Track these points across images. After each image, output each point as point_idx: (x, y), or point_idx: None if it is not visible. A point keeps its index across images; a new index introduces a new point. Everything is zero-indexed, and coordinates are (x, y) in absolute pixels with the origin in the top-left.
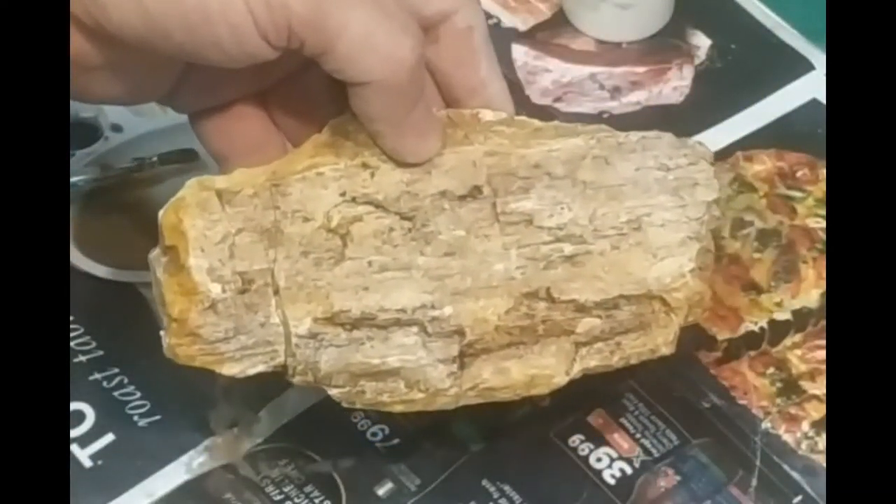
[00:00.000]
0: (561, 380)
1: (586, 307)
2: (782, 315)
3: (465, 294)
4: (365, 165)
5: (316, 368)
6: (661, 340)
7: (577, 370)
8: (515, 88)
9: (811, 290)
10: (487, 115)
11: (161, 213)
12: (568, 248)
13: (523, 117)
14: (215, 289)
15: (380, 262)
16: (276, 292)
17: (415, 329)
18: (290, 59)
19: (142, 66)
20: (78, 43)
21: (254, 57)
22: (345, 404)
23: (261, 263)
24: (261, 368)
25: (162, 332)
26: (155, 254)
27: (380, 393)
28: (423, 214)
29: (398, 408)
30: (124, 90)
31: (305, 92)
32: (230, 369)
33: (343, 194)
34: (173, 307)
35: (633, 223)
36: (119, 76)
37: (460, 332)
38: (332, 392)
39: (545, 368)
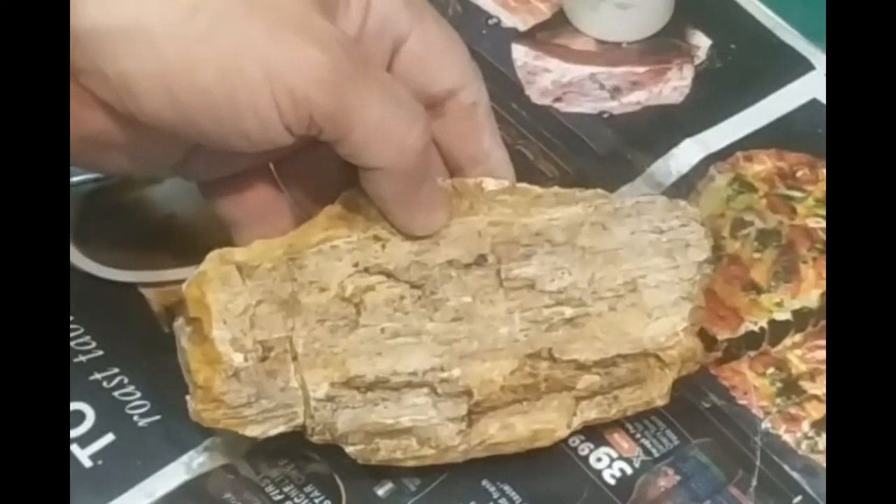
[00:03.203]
0: (563, 433)
1: (586, 366)
2: (782, 315)
3: (473, 356)
4: (376, 238)
5: (333, 429)
6: (656, 394)
7: (577, 423)
8: (515, 88)
9: (811, 290)
10: (490, 184)
11: (184, 286)
12: (568, 311)
13: (524, 184)
14: (238, 358)
15: (392, 329)
16: (295, 358)
17: (425, 390)
18: (302, 139)
19: (159, 144)
20: (103, 125)
21: (274, 143)
22: (360, 461)
23: (280, 332)
24: (281, 429)
25: (188, 397)
26: (179, 323)
27: (393, 450)
28: (432, 283)
29: (410, 463)
30: (138, 165)
31: (315, 164)
32: (252, 431)
33: (356, 265)
34: (198, 375)
35: (630, 285)
36: (136, 153)
37: (468, 393)
38: (349, 449)
39: (548, 423)
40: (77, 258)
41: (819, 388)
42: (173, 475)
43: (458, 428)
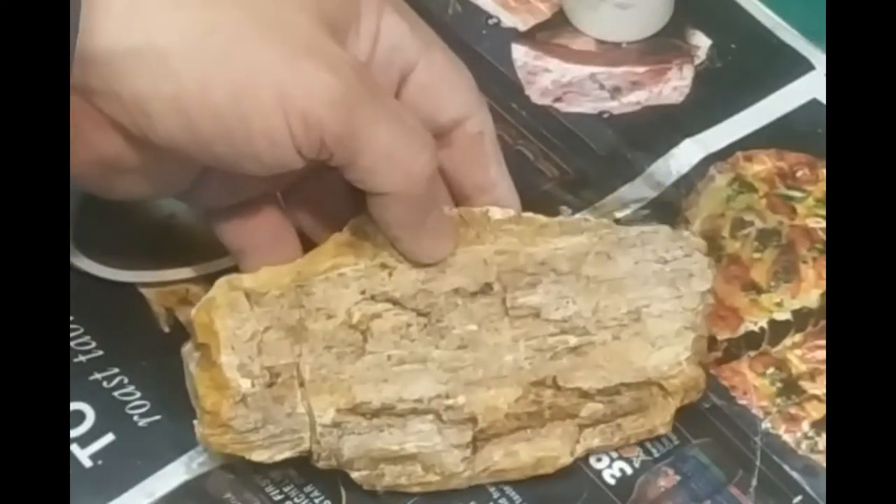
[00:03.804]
0: (566, 460)
1: (590, 394)
2: (782, 315)
3: (478, 384)
4: (383, 265)
5: (339, 454)
6: (659, 422)
7: (580, 450)
8: (515, 88)
9: (811, 290)
10: (496, 213)
11: (193, 311)
12: (572, 340)
13: (529, 214)
14: (245, 384)
15: (398, 356)
16: (302, 385)
17: (431, 417)
18: (311, 163)
19: (170, 168)
20: (117, 147)
21: (285, 167)
22: (366, 487)
23: (287, 358)
24: (288, 454)
25: (195, 422)
26: (187, 348)
27: (398, 476)
28: (438, 310)
29: (416, 489)
30: (148, 189)
31: (322, 190)
32: (259, 456)
33: (363, 293)
34: (206, 400)
35: (633, 314)
36: (147, 177)
37: (473, 420)
38: (354, 475)
39: (551, 450)
40: (77, 258)
41: (819, 388)
42: (173, 475)
43: (462, 454)
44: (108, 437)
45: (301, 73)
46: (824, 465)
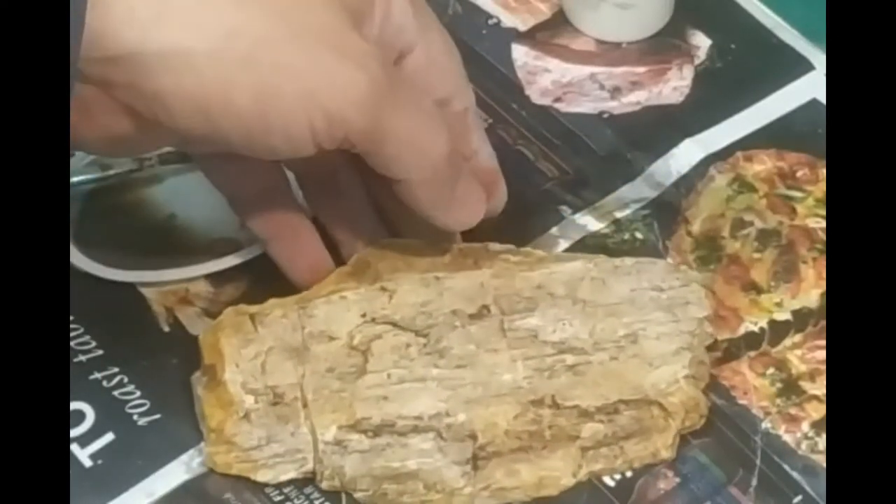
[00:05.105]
0: (568, 481)
1: (588, 412)
2: (782, 315)
3: (477, 402)
4: (383, 289)
5: (342, 473)
6: (661, 444)
7: (583, 473)
8: (515, 88)
9: (811, 290)
10: (495, 246)
11: (201, 335)
12: (570, 359)
13: (528, 248)
14: (248, 400)
15: (398, 374)
16: (305, 405)
17: (431, 434)
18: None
19: (174, 139)
20: (127, 129)
21: (299, 156)
22: None
23: (291, 379)
24: (292, 475)
25: (202, 444)
26: (196, 375)
27: (401, 494)
28: (437, 332)
29: None
30: (147, 151)
31: (354, 207)
32: (264, 476)
33: (364, 315)
34: (212, 419)
35: (630, 337)
36: (149, 145)
37: (473, 436)
38: (358, 495)
39: (554, 471)
40: (77, 258)
41: (819, 388)
42: (173, 475)
43: (463, 471)
44: (108, 437)
45: (329, 74)
46: (824, 465)
